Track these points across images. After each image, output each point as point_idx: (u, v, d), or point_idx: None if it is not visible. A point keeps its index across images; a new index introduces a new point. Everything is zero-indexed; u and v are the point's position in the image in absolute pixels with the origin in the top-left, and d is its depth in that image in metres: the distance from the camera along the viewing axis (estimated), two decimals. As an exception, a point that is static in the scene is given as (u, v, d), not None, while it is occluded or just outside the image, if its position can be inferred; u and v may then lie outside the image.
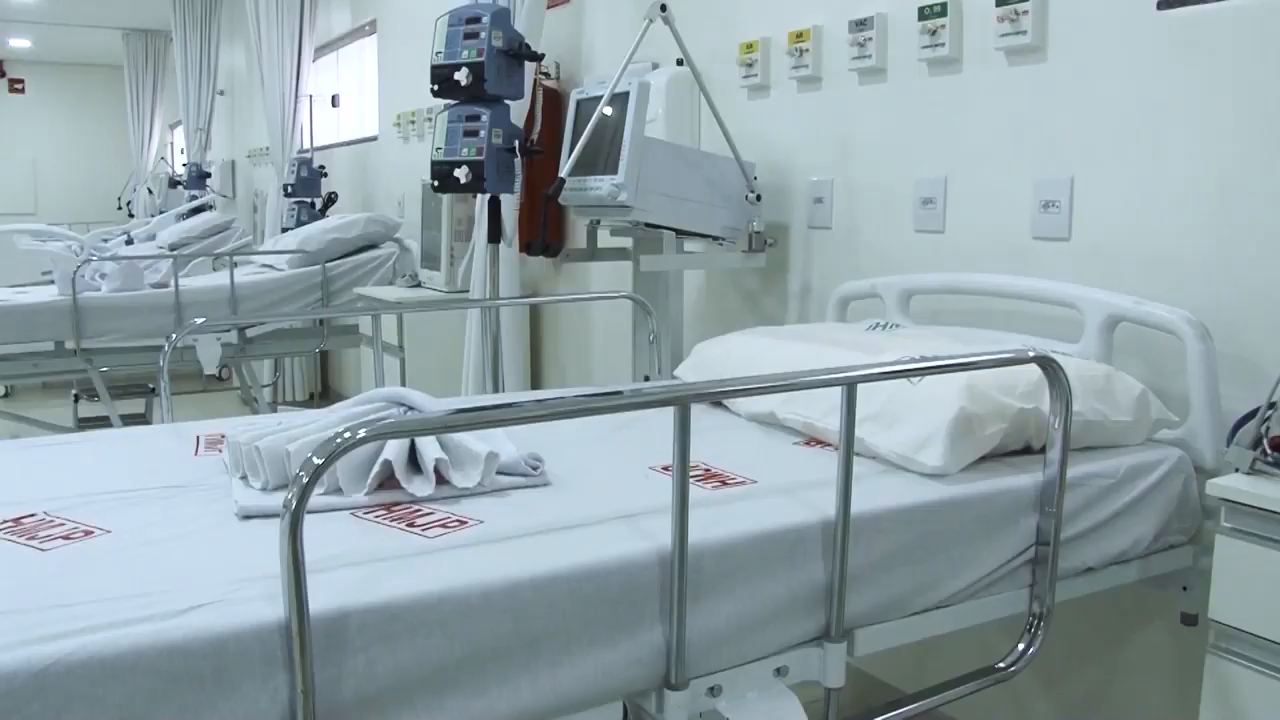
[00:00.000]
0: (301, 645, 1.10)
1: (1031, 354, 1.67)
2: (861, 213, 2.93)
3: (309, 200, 6.15)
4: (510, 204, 3.70)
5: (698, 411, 2.23)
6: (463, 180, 2.86)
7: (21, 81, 13.37)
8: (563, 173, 2.63)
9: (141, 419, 5.86)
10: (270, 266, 5.26)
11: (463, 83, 2.87)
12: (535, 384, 4.55)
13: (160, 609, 1.16)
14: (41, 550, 1.39)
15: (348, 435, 1.14)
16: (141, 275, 4.89)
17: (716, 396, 1.46)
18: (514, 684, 1.27)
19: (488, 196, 3.23)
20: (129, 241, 7.35)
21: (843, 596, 1.51)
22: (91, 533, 1.46)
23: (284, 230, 6.05)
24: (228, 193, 9.13)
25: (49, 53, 12.90)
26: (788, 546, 1.48)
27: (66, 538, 1.44)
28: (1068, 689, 2.49)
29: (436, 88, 2.96)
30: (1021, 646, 1.76)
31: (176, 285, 4.70)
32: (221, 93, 9.38)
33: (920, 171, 2.74)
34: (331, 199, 6.19)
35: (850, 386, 1.50)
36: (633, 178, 2.72)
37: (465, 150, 2.88)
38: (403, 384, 3.95)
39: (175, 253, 5.41)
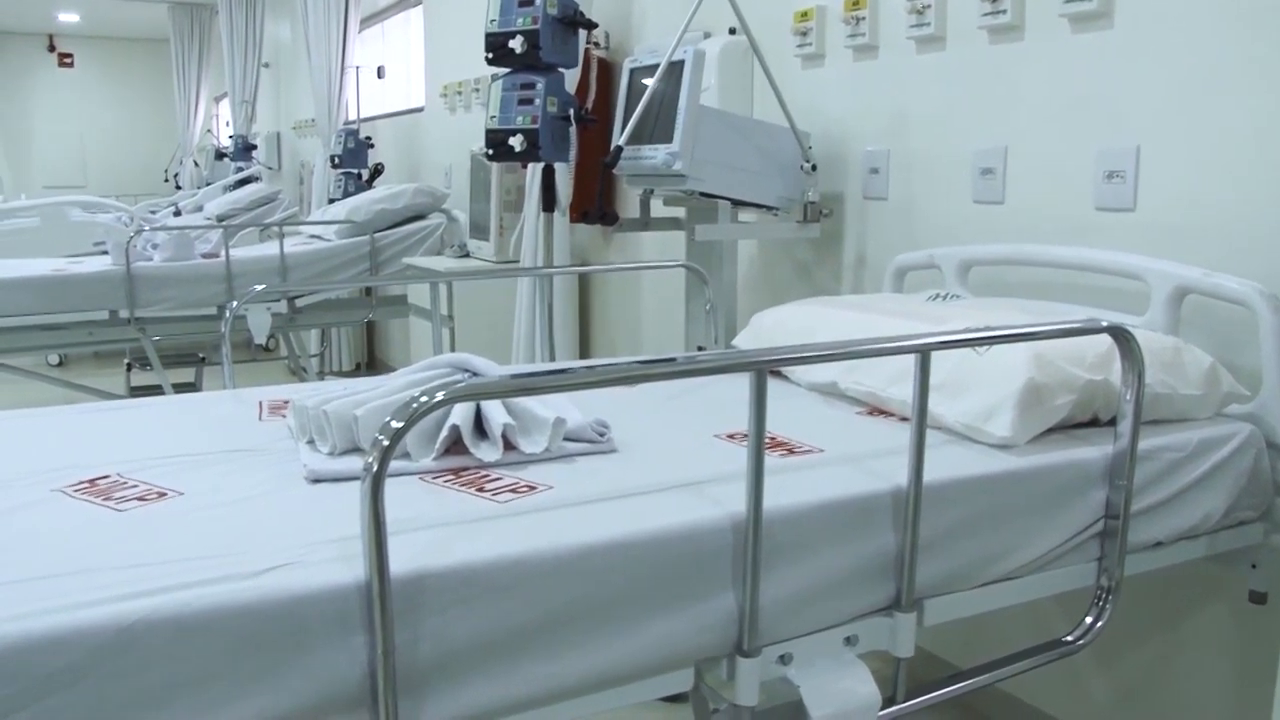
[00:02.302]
0: (383, 607, 1.11)
1: (1105, 324, 1.64)
2: (918, 183, 2.89)
3: (356, 171, 6.18)
4: (564, 173, 3.68)
5: (756, 381, 2.23)
6: (517, 149, 2.85)
7: (70, 56, 13.50)
8: (619, 141, 2.62)
9: (191, 388, 5.91)
10: (318, 237, 5.29)
11: (517, 50, 2.86)
12: (584, 354, 4.54)
13: (237, 569, 1.16)
14: (118, 511, 1.41)
15: (424, 399, 1.13)
16: (193, 245, 4.94)
17: (793, 363, 1.45)
18: (587, 648, 1.27)
19: (541, 165, 3.21)
20: (177, 213, 7.42)
21: (913, 566, 1.49)
22: (165, 494, 1.47)
23: (331, 201, 6.08)
24: (273, 164, 9.17)
25: (97, 27, 13.01)
26: (858, 515, 1.47)
27: (141, 499, 1.45)
28: (1125, 666, 2.46)
29: (491, 55, 2.95)
30: (1089, 620, 1.73)
31: (227, 255, 4.73)
32: (267, 65, 9.41)
33: (979, 141, 2.69)
34: (378, 170, 6.21)
35: (924, 354, 1.49)
36: (688, 147, 2.70)
37: (520, 119, 2.87)
38: (453, 350, 3.96)
39: (225, 223, 5.44)
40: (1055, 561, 1.70)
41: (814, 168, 2.96)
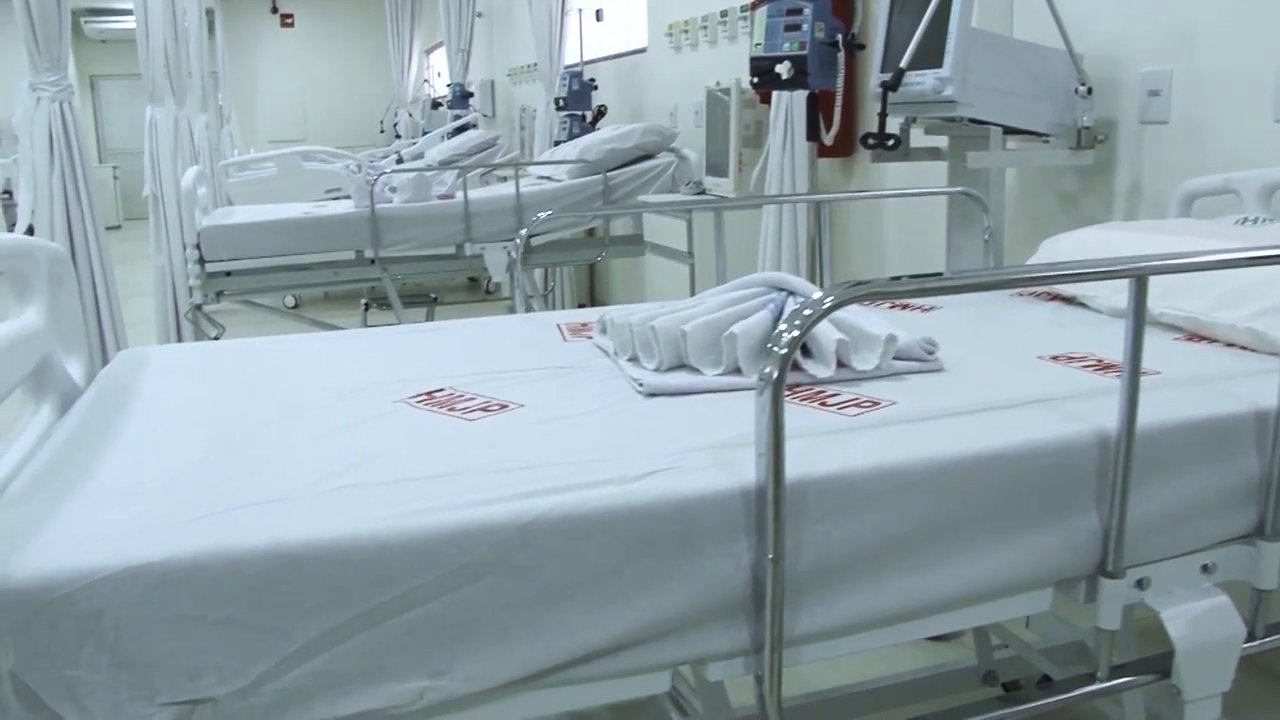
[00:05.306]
0: (777, 512, 1.11)
1: None
2: (1207, 104, 2.72)
3: (580, 113, 6.23)
4: (800, 101, 3.60)
5: (1053, 308, 2.15)
6: (784, 76, 2.81)
7: (291, 16, 14.21)
8: (903, 64, 2.54)
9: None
10: (547, 178, 5.36)
11: (783, -24, 2.82)
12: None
13: (619, 473, 1.18)
14: (467, 420, 1.44)
15: (808, 313, 1.12)
16: (430, 187, 5.08)
17: (1170, 270, 1.39)
18: (956, 561, 1.25)
19: (795, 95, 3.16)
20: (399, 161, 7.64)
21: (1280, 492, 1.41)
22: (506, 406, 1.50)
23: (556, 144, 6.15)
24: (488, 111, 9.36)
25: (317, -13, 13.61)
26: (1220, 437, 1.40)
27: (484, 409, 1.49)
28: None
29: (755, -17, 2.91)
30: None
31: (465, 195, 4.85)
32: (480, 15, 9.58)
33: (1282, 54, 2.51)
34: (602, 112, 6.25)
35: (1301, 266, 1.39)
36: (959, 71, 2.60)
37: (787, 45, 2.82)
38: (692, 289, 3.97)
39: (461, 164, 5.56)
40: None
41: (1089, 91, 2.82)
